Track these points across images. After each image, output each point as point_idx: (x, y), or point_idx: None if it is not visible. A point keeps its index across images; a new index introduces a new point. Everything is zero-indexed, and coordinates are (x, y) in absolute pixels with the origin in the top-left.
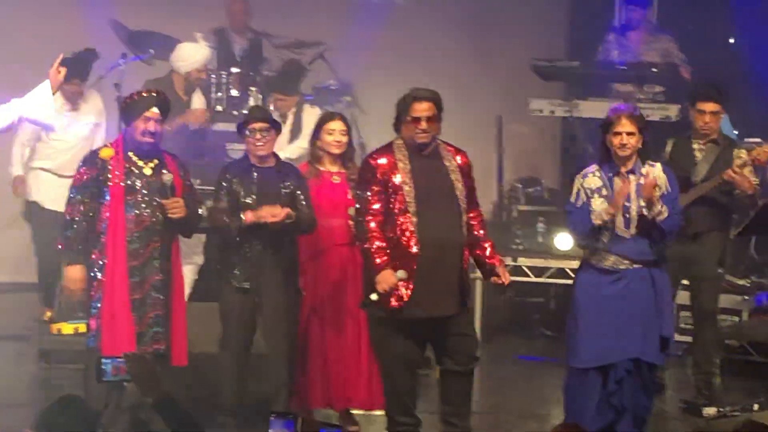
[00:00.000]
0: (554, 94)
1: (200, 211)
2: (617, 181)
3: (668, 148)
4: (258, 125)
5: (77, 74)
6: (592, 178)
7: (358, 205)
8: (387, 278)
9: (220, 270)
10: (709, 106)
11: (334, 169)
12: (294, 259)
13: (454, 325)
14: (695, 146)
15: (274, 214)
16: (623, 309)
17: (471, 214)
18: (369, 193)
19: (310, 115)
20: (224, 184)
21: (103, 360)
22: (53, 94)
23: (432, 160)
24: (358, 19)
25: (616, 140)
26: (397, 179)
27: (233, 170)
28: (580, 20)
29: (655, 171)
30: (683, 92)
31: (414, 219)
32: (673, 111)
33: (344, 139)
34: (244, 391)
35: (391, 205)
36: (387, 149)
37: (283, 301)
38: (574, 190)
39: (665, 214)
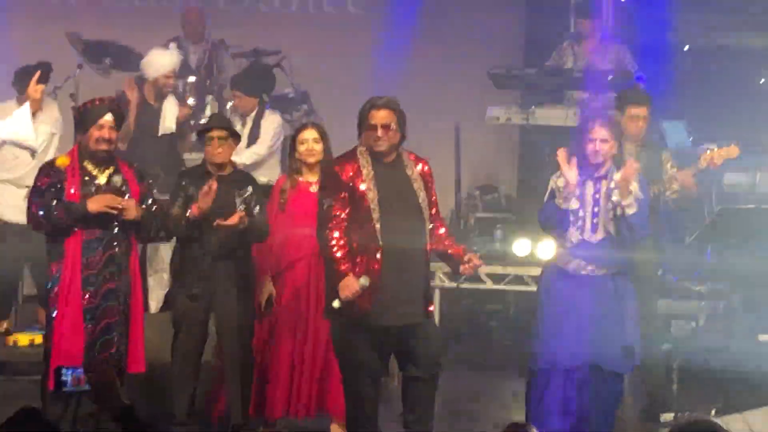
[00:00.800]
0: (511, 101)
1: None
2: (590, 184)
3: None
4: (217, 133)
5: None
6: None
7: (319, 216)
8: (350, 285)
9: (173, 278)
10: (642, 111)
11: (313, 178)
12: (248, 268)
13: (418, 332)
14: (624, 149)
15: (225, 222)
16: (584, 315)
17: (436, 225)
18: (333, 201)
19: (270, 122)
20: (180, 191)
21: (63, 370)
22: (33, 114)
23: (395, 169)
24: (314, 28)
25: (589, 146)
26: (362, 186)
27: (189, 177)
28: (536, 28)
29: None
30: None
31: (377, 225)
32: None
33: (317, 146)
34: (194, 399)
35: (354, 212)
36: (351, 156)
37: (236, 309)
38: (548, 190)
39: (634, 209)
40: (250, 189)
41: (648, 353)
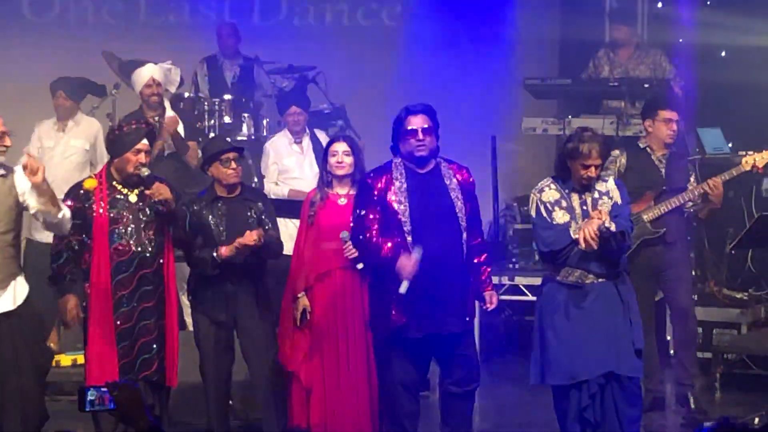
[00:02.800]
0: (547, 112)
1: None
2: (575, 196)
3: (623, 160)
4: (232, 155)
5: (72, 93)
6: (549, 191)
7: (353, 224)
8: (406, 263)
9: (192, 299)
10: (675, 115)
11: (342, 191)
12: (266, 285)
13: (454, 346)
14: (654, 158)
15: (247, 240)
16: (592, 324)
17: (473, 241)
18: (365, 212)
19: (324, 138)
20: (193, 217)
21: (87, 390)
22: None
23: (431, 178)
24: (349, 43)
25: (584, 171)
26: (392, 198)
27: (199, 202)
28: (571, 38)
29: (609, 184)
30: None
31: (409, 238)
32: None
33: (347, 160)
34: (226, 418)
35: (387, 224)
36: (384, 169)
37: (261, 331)
38: (533, 206)
39: (614, 225)
40: (260, 205)
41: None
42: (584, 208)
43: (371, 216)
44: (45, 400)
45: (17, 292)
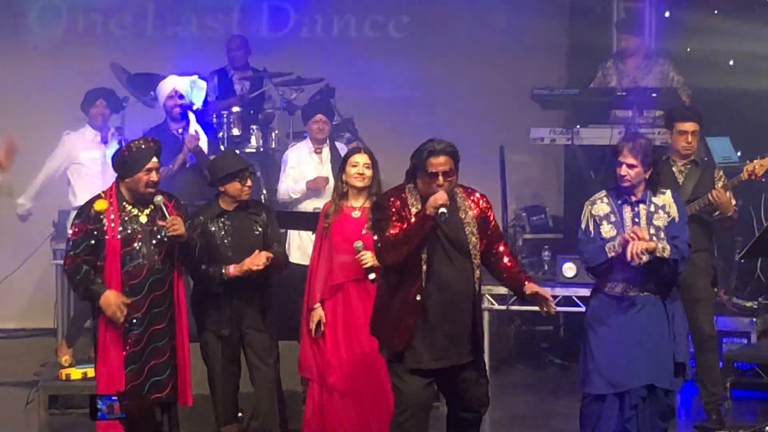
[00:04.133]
0: (555, 122)
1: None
2: (627, 209)
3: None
4: (248, 172)
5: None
6: (600, 204)
7: (375, 237)
8: (435, 198)
9: (196, 314)
10: (690, 126)
11: (357, 203)
12: (270, 295)
13: (464, 373)
14: (675, 169)
15: (256, 264)
16: (636, 335)
17: (498, 247)
18: (384, 220)
19: (343, 149)
20: (198, 227)
21: (97, 399)
22: None
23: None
24: (356, 55)
25: (618, 170)
26: (411, 217)
27: (205, 214)
28: (579, 48)
29: (666, 198)
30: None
31: (424, 267)
32: None
33: (368, 172)
34: (236, 429)
35: None
36: (399, 191)
37: (267, 343)
38: (584, 218)
39: (669, 250)
40: (264, 217)
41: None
42: (636, 221)
43: (392, 225)
44: None
45: None
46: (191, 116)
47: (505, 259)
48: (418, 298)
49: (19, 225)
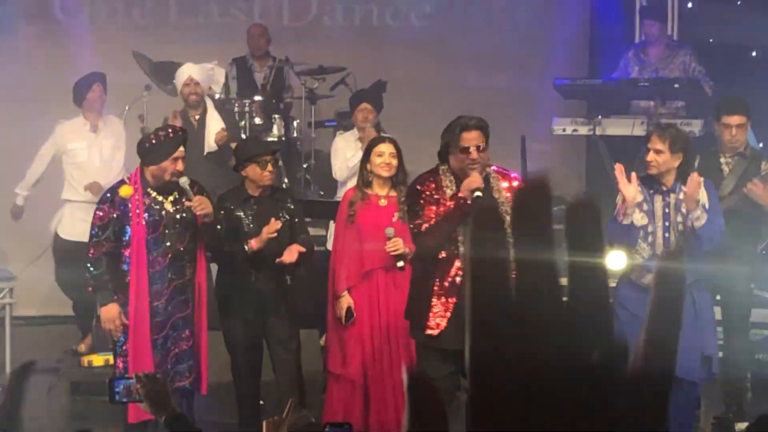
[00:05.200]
0: (577, 112)
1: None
2: (658, 198)
3: (696, 164)
4: (269, 157)
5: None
6: None
7: (411, 223)
8: (467, 184)
9: (221, 303)
10: (735, 119)
11: (383, 192)
12: (292, 287)
13: None
14: (722, 160)
15: (290, 255)
16: None
17: None
18: (420, 205)
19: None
20: (222, 212)
21: (115, 382)
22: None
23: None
24: (378, 44)
25: (647, 156)
26: (444, 201)
27: (232, 201)
28: (601, 38)
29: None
30: (705, 107)
31: (461, 248)
32: (696, 126)
33: (394, 161)
34: (257, 418)
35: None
36: (433, 174)
37: (288, 329)
38: (618, 205)
39: (703, 220)
40: (290, 205)
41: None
42: (666, 210)
43: (426, 214)
44: None
45: None
46: (209, 103)
47: None
48: (458, 280)
49: (40, 215)
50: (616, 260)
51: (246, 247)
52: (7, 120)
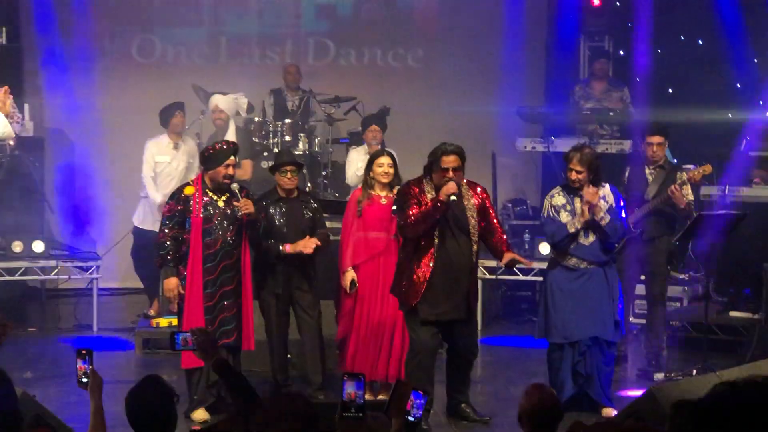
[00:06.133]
0: (535, 133)
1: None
2: (577, 201)
3: (627, 173)
4: (289, 167)
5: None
6: (557, 197)
7: (398, 216)
8: (445, 189)
9: (256, 279)
10: (656, 139)
11: (383, 193)
12: (315, 267)
13: (461, 328)
14: (647, 171)
15: (307, 246)
16: (584, 298)
17: (494, 220)
18: (406, 203)
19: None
20: (261, 211)
21: (176, 335)
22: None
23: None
24: (381, 79)
25: (570, 174)
26: (428, 202)
27: (267, 200)
28: (554, 74)
29: (605, 190)
30: (634, 130)
31: (436, 242)
32: (626, 145)
33: (391, 170)
34: (286, 369)
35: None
36: (418, 181)
37: (311, 300)
38: (545, 208)
39: (606, 220)
40: (313, 204)
41: (649, 328)
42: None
43: (412, 207)
44: None
45: None
46: (231, 126)
47: (499, 232)
48: (431, 265)
49: (122, 205)
50: (544, 248)
51: (280, 248)
52: (111, 135)
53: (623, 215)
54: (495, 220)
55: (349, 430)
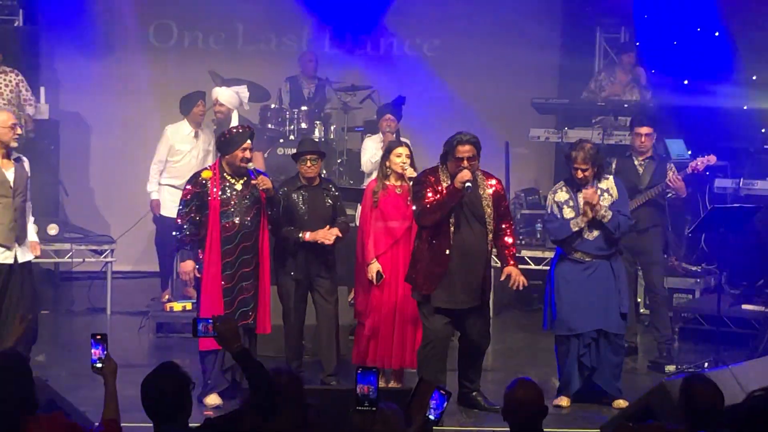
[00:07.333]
0: (549, 124)
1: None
2: (581, 196)
3: (614, 165)
4: (309, 156)
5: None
6: (560, 193)
7: (415, 204)
8: (460, 177)
9: (277, 263)
10: (644, 130)
11: (398, 183)
12: (333, 253)
13: (474, 316)
14: (636, 162)
15: (327, 238)
16: (590, 291)
17: (503, 225)
18: (422, 192)
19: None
20: (282, 194)
21: (198, 321)
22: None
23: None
24: (399, 68)
25: (576, 173)
26: (443, 190)
27: (288, 186)
28: (568, 66)
29: (609, 182)
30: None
31: (452, 229)
32: None
33: (408, 161)
34: (300, 354)
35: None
36: (434, 170)
37: (329, 286)
38: (549, 204)
39: (609, 217)
40: (333, 191)
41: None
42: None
43: (428, 194)
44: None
45: (29, 247)
46: (234, 118)
47: (506, 238)
48: (447, 252)
49: (137, 189)
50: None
51: (300, 235)
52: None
53: (626, 210)
54: (504, 222)
55: (363, 424)
